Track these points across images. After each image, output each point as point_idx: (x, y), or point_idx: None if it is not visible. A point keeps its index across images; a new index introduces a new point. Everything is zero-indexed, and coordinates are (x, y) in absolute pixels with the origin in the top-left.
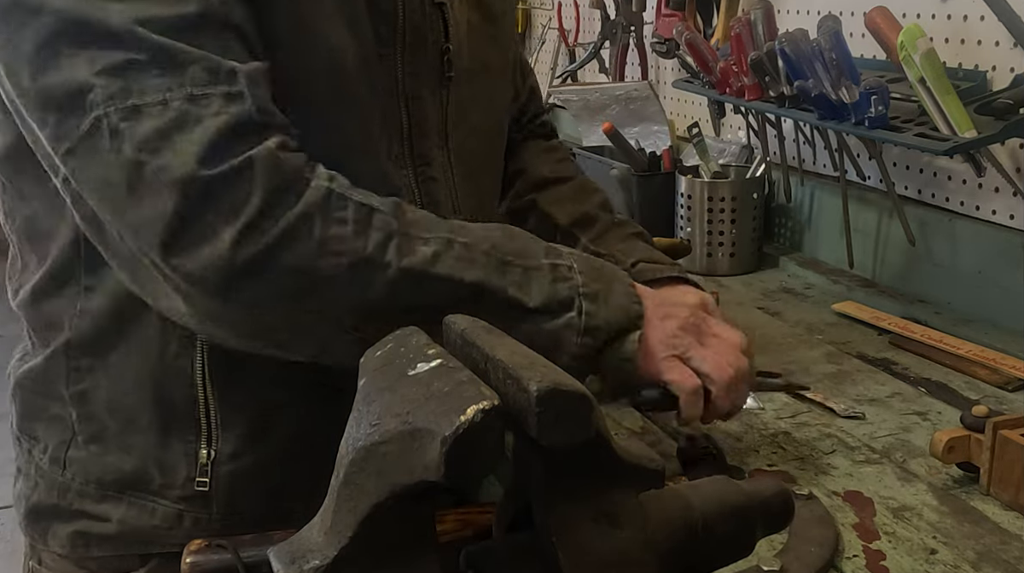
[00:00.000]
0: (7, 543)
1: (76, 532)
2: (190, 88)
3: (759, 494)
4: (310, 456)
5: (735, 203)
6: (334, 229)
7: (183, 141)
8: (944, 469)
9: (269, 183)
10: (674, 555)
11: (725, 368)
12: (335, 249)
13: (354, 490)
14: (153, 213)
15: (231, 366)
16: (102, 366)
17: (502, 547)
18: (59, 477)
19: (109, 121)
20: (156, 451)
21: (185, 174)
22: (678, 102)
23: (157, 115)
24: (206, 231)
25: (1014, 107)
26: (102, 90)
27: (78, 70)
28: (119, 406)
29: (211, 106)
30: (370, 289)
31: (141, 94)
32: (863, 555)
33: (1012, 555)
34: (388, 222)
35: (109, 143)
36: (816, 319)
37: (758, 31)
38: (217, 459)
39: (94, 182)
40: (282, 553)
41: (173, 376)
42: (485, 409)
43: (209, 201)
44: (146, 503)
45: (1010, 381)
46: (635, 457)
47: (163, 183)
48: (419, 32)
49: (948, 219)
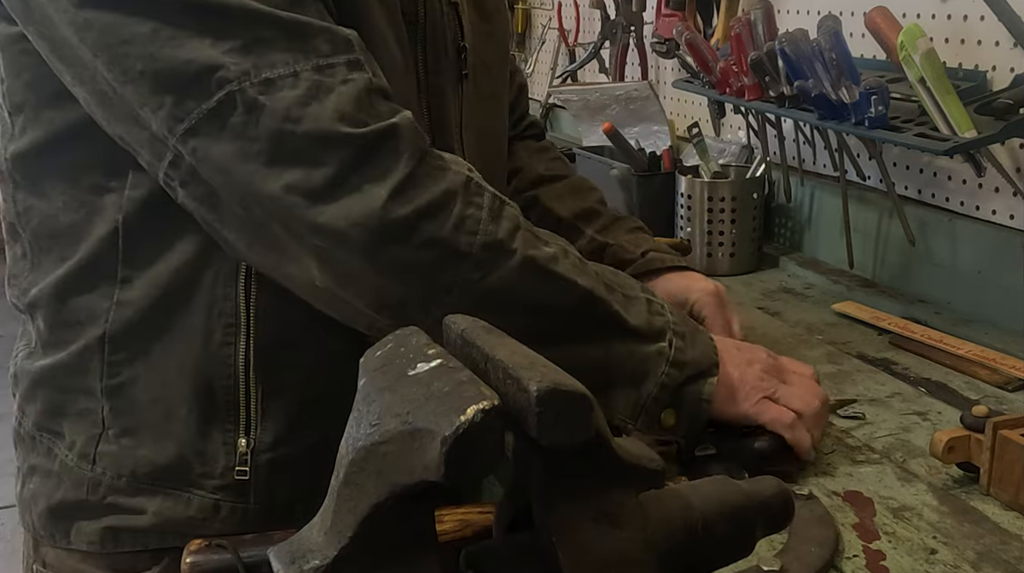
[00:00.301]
0: (7, 543)
1: (106, 528)
2: (316, 59)
3: (759, 494)
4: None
5: (735, 203)
6: (472, 210)
7: (321, 108)
8: (944, 469)
9: (413, 151)
10: (674, 555)
11: (811, 400)
12: (471, 228)
13: (354, 490)
14: (299, 177)
15: (274, 355)
16: (143, 357)
17: (502, 547)
18: (88, 473)
19: (244, 96)
20: (195, 441)
21: (332, 135)
22: (678, 102)
23: (291, 86)
24: (355, 190)
25: (1014, 107)
26: (235, 66)
27: (202, 51)
28: (159, 397)
29: (338, 75)
30: (496, 272)
31: (272, 67)
32: (863, 555)
33: (1012, 555)
34: (516, 216)
35: (246, 117)
36: (816, 319)
37: (758, 31)
38: (256, 448)
39: (224, 158)
40: (282, 553)
41: (216, 365)
42: (485, 409)
43: (359, 160)
44: (182, 494)
45: (1010, 381)
46: (635, 457)
47: (310, 146)
48: (439, 30)
49: (948, 219)
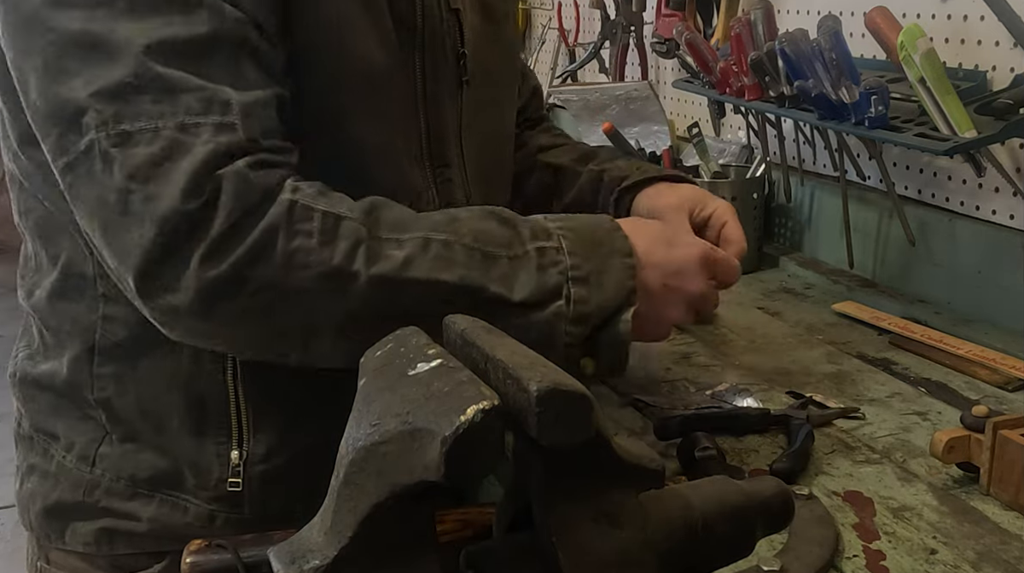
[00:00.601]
0: (7, 543)
1: (101, 529)
2: (183, 117)
3: (759, 494)
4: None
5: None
6: (299, 241)
7: (171, 171)
8: (944, 469)
9: (236, 203)
10: (674, 555)
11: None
12: (301, 262)
13: (354, 490)
14: (135, 242)
15: (262, 368)
16: (131, 372)
17: (502, 547)
18: (86, 474)
19: (100, 146)
20: (188, 452)
21: (168, 208)
22: (678, 102)
23: (147, 143)
24: (179, 263)
25: (1014, 107)
26: (96, 114)
27: (77, 90)
28: (149, 410)
29: (201, 135)
30: (344, 300)
31: (133, 119)
32: (863, 555)
33: (1012, 555)
34: (356, 229)
35: (101, 166)
36: (816, 319)
37: (758, 31)
38: (249, 460)
39: (88, 201)
40: (282, 553)
41: (206, 379)
42: (485, 409)
43: (184, 234)
44: (179, 501)
45: (1010, 381)
46: (635, 457)
47: (146, 214)
48: (437, 37)
49: (948, 219)
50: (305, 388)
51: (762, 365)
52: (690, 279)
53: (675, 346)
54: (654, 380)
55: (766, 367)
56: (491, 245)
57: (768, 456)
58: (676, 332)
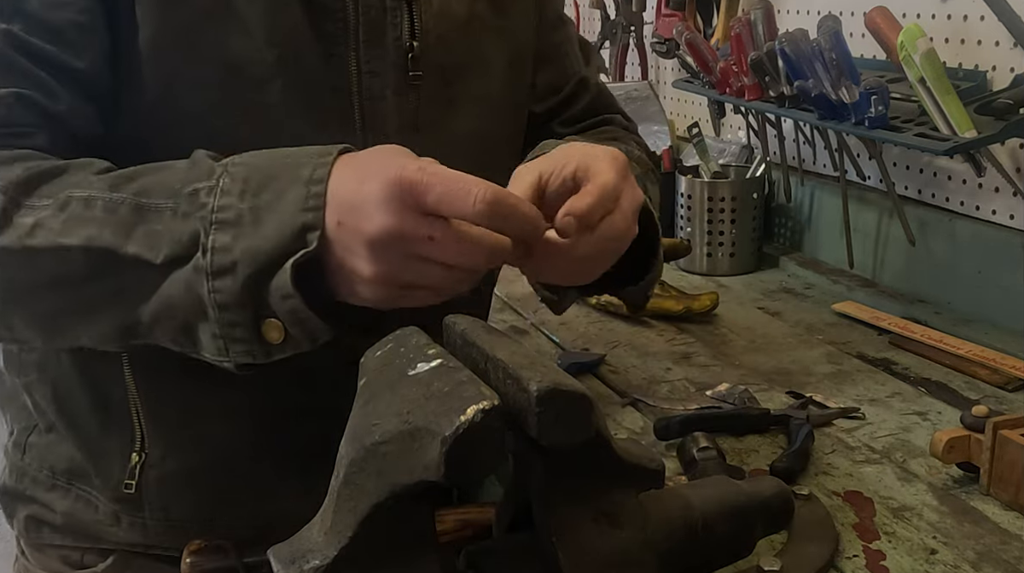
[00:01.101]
0: (7, 543)
1: (29, 517)
2: None
3: (759, 494)
4: (244, 465)
5: (735, 203)
6: None
7: None
8: (944, 469)
9: None
10: (674, 555)
11: (471, 257)
12: None
13: (354, 490)
14: None
15: (155, 372)
16: (51, 363)
17: (502, 547)
18: (19, 461)
19: None
20: (95, 449)
21: None
22: (678, 102)
23: None
24: None
25: (1014, 107)
26: None
27: None
28: (64, 402)
29: None
30: None
31: None
32: (863, 555)
33: (1012, 555)
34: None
35: None
36: (816, 319)
37: (758, 31)
38: (146, 463)
39: None
40: (282, 553)
41: (107, 379)
42: (485, 409)
43: None
44: (91, 498)
45: (1010, 381)
46: (635, 457)
47: None
48: (377, 29)
49: (948, 219)
50: (201, 394)
51: (762, 365)
52: (368, 214)
53: (675, 346)
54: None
55: (766, 367)
56: (158, 195)
57: (768, 456)
58: (676, 332)
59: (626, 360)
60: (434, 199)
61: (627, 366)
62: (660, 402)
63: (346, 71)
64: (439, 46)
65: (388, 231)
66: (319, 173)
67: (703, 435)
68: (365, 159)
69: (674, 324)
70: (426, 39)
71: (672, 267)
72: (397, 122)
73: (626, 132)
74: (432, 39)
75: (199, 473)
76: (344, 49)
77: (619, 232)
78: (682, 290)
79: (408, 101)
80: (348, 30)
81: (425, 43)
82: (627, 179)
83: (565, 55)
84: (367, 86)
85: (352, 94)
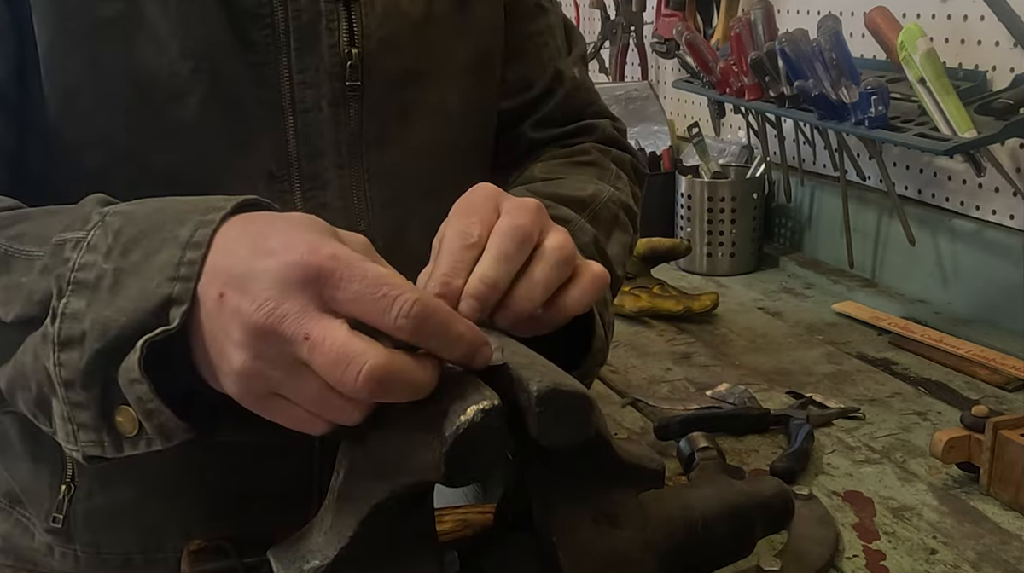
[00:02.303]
0: None
1: None
2: None
3: (759, 494)
4: (181, 497)
5: (735, 203)
6: None
7: None
8: (944, 469)
9: None
10: (674, 555)
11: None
12: None
13: (354, 490)
14: None
15: None
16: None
17: (502, 547)
18: None
19: None
20: (28, 479)
21: None
22: (678, 102)
23: None
24: None
25: (1014, 107)
26: None
27: None
28: (1, 428)
29: None
30: None
31: None
32: (863, 555)
33: (1012, 555)
34: None
35: None
36: (816, 319)
37: (758, 31)
38: (75, 496)
39: None
40: (282, 553)
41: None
42: (485, 409)
43: None
44: (28, 524)
45: (1010, 381)
46: (635, 457)
47: None
48: (309, 35)
49: (948, 219)
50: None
51: (762, 365)
52: (255, 294)
53: (675, 346)
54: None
55: (766, 367)
56: (31, 243)
57: (768, 456)
58: (676, 332)
59: (626, 360)
60: (345, 297)
61: (627, 366)
62: (660, 402)
63: (276, 82)
64: (385, 51)
65: (273, 319)
66: (200, 234)
67: (703, 435)
68: (266, 225)
69: (674, 324)
70: (368, 44)
71: (672, 267)
72: (334, 136)
73: (605, 151)
74: (375, 44)
75: (129, 509)
76: (274, 58)
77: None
78: (682, 290)
79: (348, 113)
80: (277, 37)
81: (367, 49)
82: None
83: (542, 46)
84: (300, 98)
85: (284, 107)
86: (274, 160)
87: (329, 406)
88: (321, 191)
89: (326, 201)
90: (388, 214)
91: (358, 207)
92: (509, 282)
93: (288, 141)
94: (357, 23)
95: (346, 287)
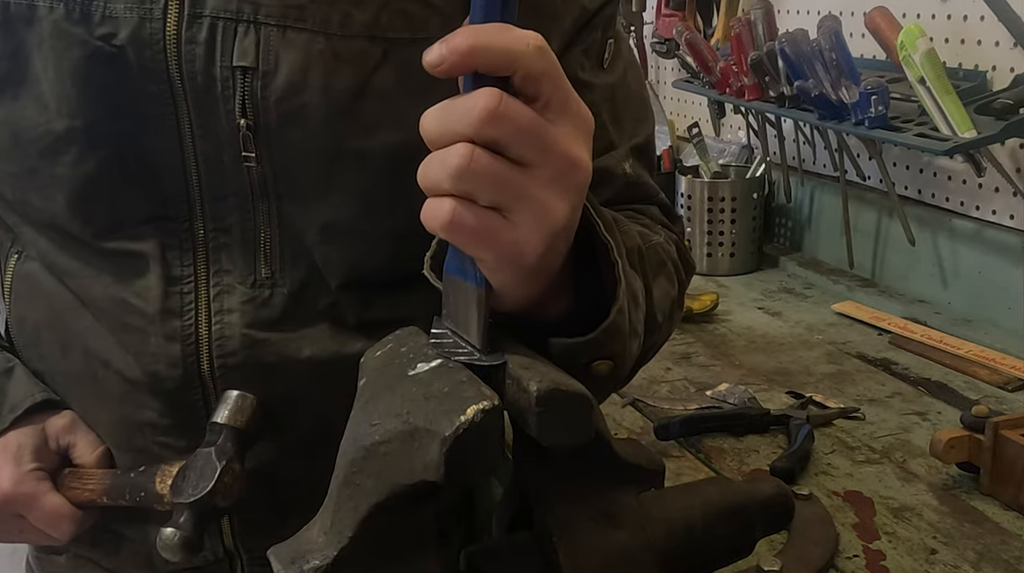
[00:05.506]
0: None
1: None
2: None
3: (759, 494)
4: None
5: (735, 203)
6: None
7: None
8: (944, 469)
9: None
10: (674, 555)
11: None
12: None
13: (354, 490)
14: None
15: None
16: None
17: (502, 547)
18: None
19: None
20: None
21: None
22: (678, 102)
23: None
24: None
25: (1014, 107)
26: None
27: None
28: None
29: None
30: None
31: None
32: (863, 555)
33: (1012, 555)
34: None
35: None
36: (816, 319)
37: (758, 31)
38: None
39: None
40: (282, 553)
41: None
42: (485, 409)
43: None
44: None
45: (1010, 381)
46: (635, 457)
47: None
48: (207, 99)
49: (948, 219)
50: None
51: (762, 365)
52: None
53: (675, 346)
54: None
55: (766, 367)
56: None
57: (768, 456)
58: (676, 332)
59: None
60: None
61: None
62: (660, 402)
63: (177, 132)
64: (290, 125)
65: None
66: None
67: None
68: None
69: None
70: (266, 118)
71: None
72: (235, 186)
73: (651, 224)
74: (275, 118)
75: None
76: (173, 110)
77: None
78: None
79: (251, 172)
80: (174, 93)
81: (263, 121)
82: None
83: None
84: (201, 149)
85: (187, 155)
86: (172, 204)
87: None
88: (223, 233)
89: (227, 242)
90: (299, 263)
91: (266, 246)
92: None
93: (192, 188)
94: (249, 96)
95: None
